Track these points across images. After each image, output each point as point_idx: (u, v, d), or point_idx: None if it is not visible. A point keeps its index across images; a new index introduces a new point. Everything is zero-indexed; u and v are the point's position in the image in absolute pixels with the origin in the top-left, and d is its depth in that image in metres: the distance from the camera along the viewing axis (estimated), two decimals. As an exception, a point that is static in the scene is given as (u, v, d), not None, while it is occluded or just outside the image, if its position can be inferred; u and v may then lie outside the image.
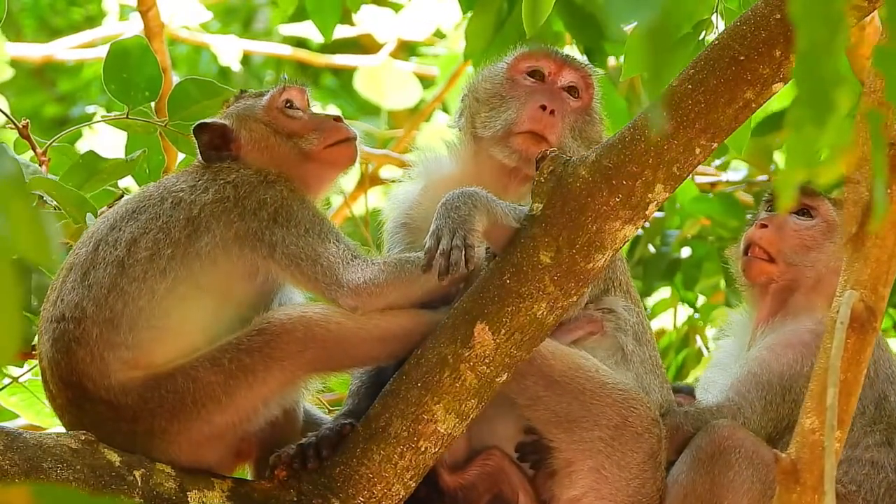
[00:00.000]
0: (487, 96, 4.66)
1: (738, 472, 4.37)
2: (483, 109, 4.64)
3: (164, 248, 4.19)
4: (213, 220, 4.23)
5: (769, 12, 4.02)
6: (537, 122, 4.55)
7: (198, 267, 4.19)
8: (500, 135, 4.58)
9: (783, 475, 3.60)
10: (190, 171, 4.41)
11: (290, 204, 4.26)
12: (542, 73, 4.67)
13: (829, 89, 2.30)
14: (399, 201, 4.72)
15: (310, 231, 4.22)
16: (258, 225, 4.21)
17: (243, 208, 4.24)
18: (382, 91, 9.09)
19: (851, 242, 3.66)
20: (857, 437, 4.54)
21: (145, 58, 5.00)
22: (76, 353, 4.16)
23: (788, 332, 4.72)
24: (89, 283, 4.19)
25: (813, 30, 2.27)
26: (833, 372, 3.26)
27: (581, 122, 4.63)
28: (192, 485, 4.17)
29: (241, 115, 4.51)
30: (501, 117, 4.59)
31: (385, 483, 4.20)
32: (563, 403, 4.32)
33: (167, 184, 4.36)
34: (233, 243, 4.21)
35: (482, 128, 4.61)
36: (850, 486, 4.50)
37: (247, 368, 4.14)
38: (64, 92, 12.25)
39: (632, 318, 4.54)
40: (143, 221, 4.24)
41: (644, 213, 4.12)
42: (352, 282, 4.16)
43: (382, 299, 4.18)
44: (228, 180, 4.30)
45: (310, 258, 4.18)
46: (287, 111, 4.50)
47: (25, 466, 4.01)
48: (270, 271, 4.22)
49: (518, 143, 4.54)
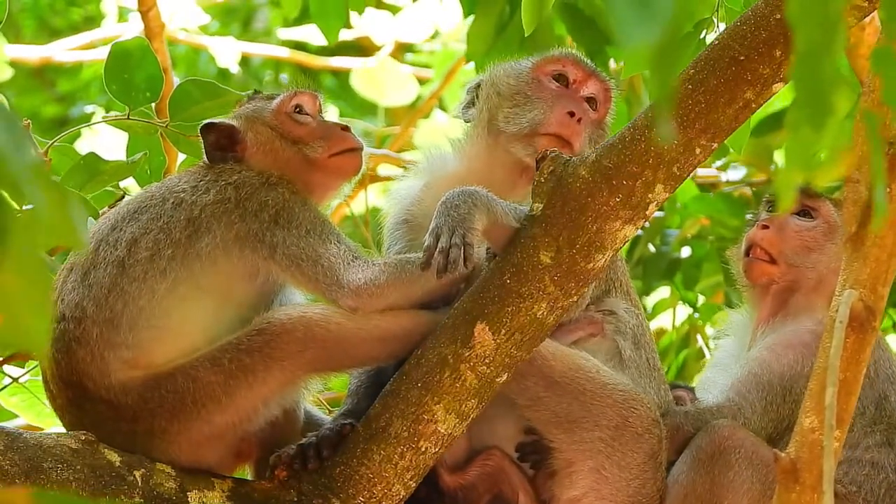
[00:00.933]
0: (511, 92, 4.64)
1: (737, 473, 4.37)
2: (506, 105, 4.62)
3: (165, 249, 4.20)
4: (213, 220, 4.23)
5: (769, 12, 4.02)
6: (565, 127, 4.55)
7: (198, 268, 4.19)
8: (526, 133, 4.56)
9: (783, 474, 3.60)
10: (193, 171, 4.41)
11: (291, 206, 4.26)
12: (568, 78, 4.66)
13: (828, 91, 2.30)
14: (400, 198, 4.71)
15: (311, 232, 4.22)
16: (259, 226, 4.22)
17: (244, 210, 4.24)
18: (380, 88, 9.09)
19: (851, 242, 3.66)
20: (858, 438, 4.55)
21: (146, 59, 5.00)
22: (76, 352, 4.16)
23: (789, 332, 4.73)
24: (89, 283, 4.19)
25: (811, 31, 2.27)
26: (832, 371, 3.26)
27: (595, 135, 4.63)
28: (193, 485, 4.17)
29: (249, 117, 4.51)
30: (528, 116, 4.58)
31: (385, 483, 4.20)
32: (564, 404, 4.32)
33: (169, 184, 4.36)
34: (233, 244, 4.21)
35: (505, 123, 4.60)
36: (850, 486, 4.51)
37: (247, 368, 4.14)
38: (64, 92, 12.24)
39: (632, 320, 4.55)
40: (143, 222, 4.25)
41: (644, 214, 4.12)
42: (352, 283, 4.16)
43: (383, 300, 4.18)
44: (230, 181, 4.30)
45: (310, 259, 4.18)
46: (296, 116, 4.51)
47: (25, 466, 4.01)
48: (271, 272, 4.22)
49: (543, 144, 4.50)
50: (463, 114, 4.74)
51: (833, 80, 2.28)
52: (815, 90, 2.29)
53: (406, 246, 4.60)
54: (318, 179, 4.46)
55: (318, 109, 4.56)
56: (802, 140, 2.36)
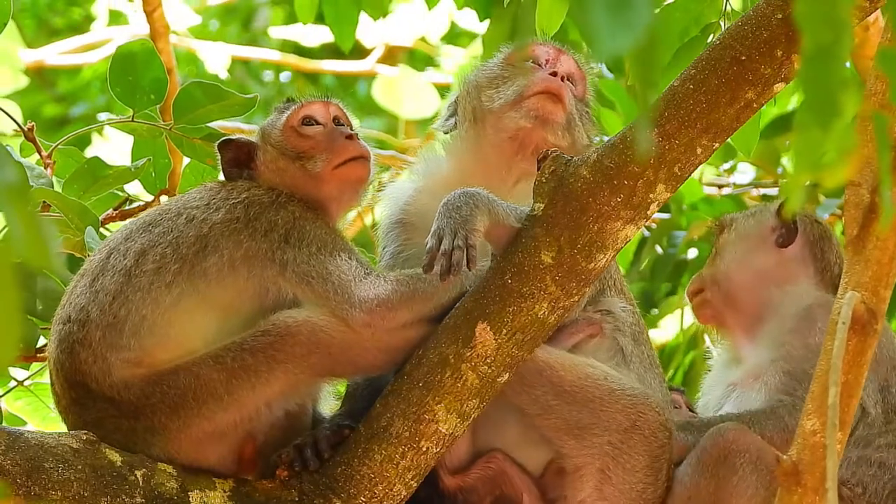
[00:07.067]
0: (490, 78, 4.67)
1: (742, 477, 4.37)
2: (487, 88, 4.65)
3: (171, 263, 4.20)
4: (222, 239, 4.23)
5: (771, 12, 4.02)
6: (551, 82, 4.58)
7: (203, 285, 4.19)
8: (513, 100, 4.58)
9: (784, 477, 3.61)
10: (209, 187, 4.41)
11: (301, 224, 4.25)
12: (540, 59, 4.68)
13: (836, 92, 2.29)
14: (395, 198, 4.71)
15: (321, 249, 4.21)
16: (269, 246, 4.21)
17: (254, 229, 4.24)
18: (399, 99, 9.04)
19: (852, 245, 3.67)
20: (872, 436, 4.56)
21: (151, 61, 4.99)
22: (79, 354, 4.17)
23: (776, 326, 4.79)
24: (96, 289, 4.21)
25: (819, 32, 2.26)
26: (834, 371, 3.26)
27: (580, 111, 4.65)
28: (194, 485, 4.17)
29: (263, 133, 4.51)
30: (511, 88, 4.61)
31: (386, 483, 4.20)
32: (574, 412, 4.32)
33: (186, 199, 4.37)
34: (241, 263, 4.21)
35: (490, 102, 4.61)
36: (856, 488, 4.51)
37: (249, 368, 4.14)
38: (64, 92, 12.24)
39: (629, 317, 4.55)
40: (155, 234, 4.26)
41: (646, 213, 4.12)
42: (364, 301, 4.15)
43: (394, 319, 4.16)
44: (240, 200, 4.29)
45: (320, 276, 4.17)
46: (302, 129, 4.48)
47: (27, 466, 4.01)
48: (281, 290, 4.21)
49: (532, 103, 4.55)
50: (444, 125, 4.75)
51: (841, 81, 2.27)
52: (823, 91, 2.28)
53: (401, 246, 4.61)
54: (327, 193, 4.43)
55: (332, 115, 4.52)
56: (810, 141, 2.35)
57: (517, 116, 4.56)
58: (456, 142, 4.70)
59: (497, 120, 4.60)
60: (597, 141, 4.69)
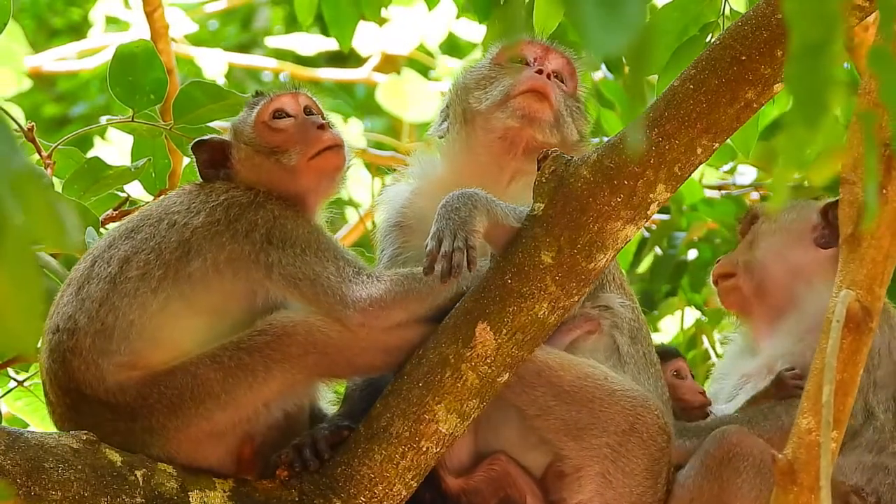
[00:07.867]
0: (478, 79, 4.69)
1: (745, 480, 4.37)
2: (475, 90, 4.66)
3: (155, 269, 4.19)
4: (204, 243, 4.21)
5: (771, 12, 4.02)
6: (537, 80, 4.59)
7: (189, 289, 4.18)
8: (499, 100, 4.59)
9: (780, 475, 3.61)
10: (188, 189, 4.39)
11: (283, 223, 4.23)
12: (528, 58, 4.69)
13: (823, 89, 2.28)
14: (392, 201, 4.71)
15: (307, 250, 4.19)
16: (251, 247, 4.19)
17: (235, 231, 4.22)
18: (404, 103, 9.03)
19: (847, 243, 3.67)
20: (885, 441, 4.56)
21: (151, 61, 4.99)
22: (71, 362, 4.17)
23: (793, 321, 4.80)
24: (82, 297, 4.20)
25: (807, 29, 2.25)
26: (829, 369, 3.26)
27: (571, 107, 4.65)
28: (194, 485, 4.17)
29: (235, 131, 4.48)
30: (498, 88, 4.62)
31: (387, 483, 4.21)
32: (573, 412, 4.32)
33: (168, 203, 4.35)
34: (226, 266, 4.19)
35: (478, 102, 4.62)
36: (870, 497, 4.50)
37: (246, 367, 4.13)
38: (63, 91, 12.23)
39: (628, 314, 4.55)
40: (137, 240, 4.25)
41: (646, 213, 4.12)
42: (358, 301, 4.14)
43: (389, 318, 4.16)
44: (219, 202, 4.27)
45: (308, 278, 4.16)
46: (274, 123, 4.44)
47: (27, 466, 4.01)
48: (269, 292, 4.20)
49: (519, 102, 4.57)
50: (438, 129, 4.76)
51: (828, 78, 2.27)
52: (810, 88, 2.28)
53: (399, 248, 4.61)
54: (305, 185, 4.39)
55: (302, 106, 4.48)
56: (797, 138, 2.35)
57: (504, 116, 4.57)
58: (449, 144, 4.71)
59: (485, 121, 4.61)
60: (589, 136, 4.70)
